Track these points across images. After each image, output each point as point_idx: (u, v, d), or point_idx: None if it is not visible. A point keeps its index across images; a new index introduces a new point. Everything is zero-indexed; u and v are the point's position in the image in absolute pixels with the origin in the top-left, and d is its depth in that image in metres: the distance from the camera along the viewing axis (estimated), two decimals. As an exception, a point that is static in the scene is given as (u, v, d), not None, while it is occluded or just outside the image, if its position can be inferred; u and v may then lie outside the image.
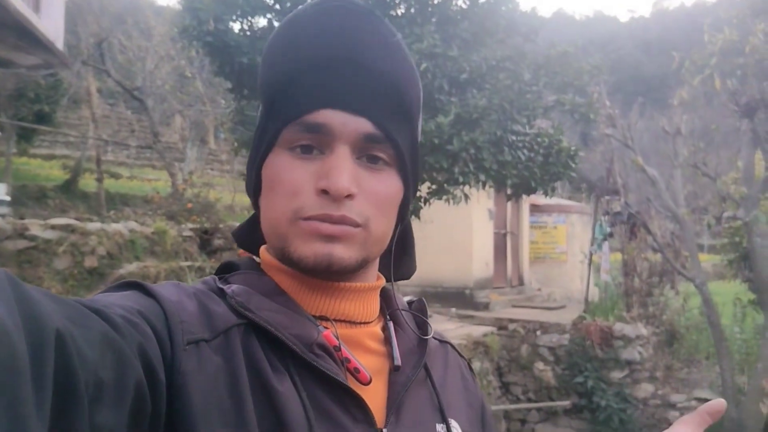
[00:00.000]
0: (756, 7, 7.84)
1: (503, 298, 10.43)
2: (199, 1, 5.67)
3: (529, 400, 8.56)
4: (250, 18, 6.02)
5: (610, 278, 9.98)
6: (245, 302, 0.65)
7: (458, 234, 9.85)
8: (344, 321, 0.70)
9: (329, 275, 0.68)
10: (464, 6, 5.43)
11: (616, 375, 8.23)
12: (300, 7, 0.67)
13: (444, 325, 8.60)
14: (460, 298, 9.86)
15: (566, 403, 8.25)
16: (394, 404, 0.67)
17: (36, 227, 7.58)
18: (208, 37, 5.69)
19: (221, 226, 9.15)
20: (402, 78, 0.69)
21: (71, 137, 17.27)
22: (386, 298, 0.79)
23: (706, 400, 1.08)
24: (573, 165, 5.92)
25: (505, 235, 11.44)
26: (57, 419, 0.41)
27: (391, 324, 0.74)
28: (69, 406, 0.42)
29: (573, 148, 5.89)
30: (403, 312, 0.77)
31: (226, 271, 0.74)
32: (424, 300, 0.82)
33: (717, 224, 7.33)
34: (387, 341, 0.73)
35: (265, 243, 0.76)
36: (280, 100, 0.69)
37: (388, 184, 0.70)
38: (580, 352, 8.39)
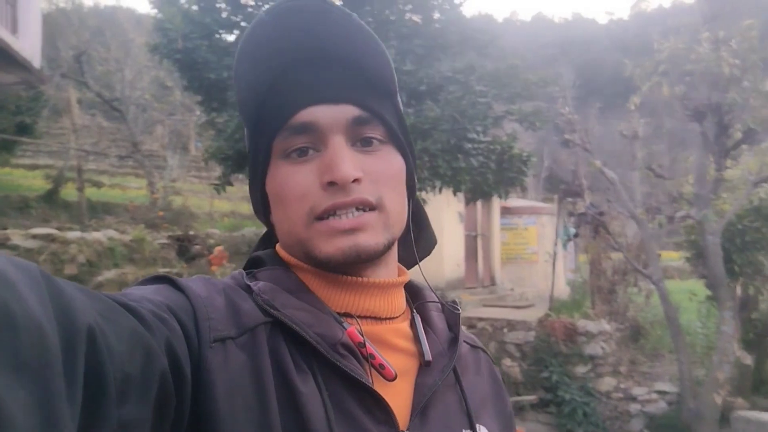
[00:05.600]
0: (705, 15, 8.22)
1: (474, 297, 10.77)
2: (168, 21, 5.95)
3: (497, 397, 8.85)
4: (217, 35, 6.31)
5: (574, 277, 10.34)
6: (271, 300, 0.64)
7: (429, 237, 10.16)
8: (369, 317, 0.69)
9: (359, 266, 0.68)
10: (418, 22, 5.76)
11: (580, 369, 8.57)
12: (253, 21, 0.66)
13: (415, 325, 8.89)
14: (432, 299, 10.15)
15: (532, 397, 8.58)
16: (419, 406, 0.66)
17: (17, 237, 7.81)
18: (177, 54, 5.97)
19: (192, 233, 9.39)
20: (371, 56, 0.68)
21: (53, 147, 17.44)
22: (413, 292, 0.79)
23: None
24: (525, 170, 6.25)
25: (476, 237, 11.80)
26: (86, 413, 0.41)
27: (418, 319, 0.73)
28: (98, 400, 0.43)
29: (525, 154, 6.22)
30: (433, 308, 0.76)
31: (253, 266, 0.74)
32: (457, 301, 0.80)
33: (669, 223, 7.69)
34: (414, 339, 0.71)
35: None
36: (261, 113, 0.70)
37: (389, 161, 0.70)
38: (545, 349, 8.73)
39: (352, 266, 0.67)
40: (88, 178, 14.89)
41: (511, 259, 13.09)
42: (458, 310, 0.77)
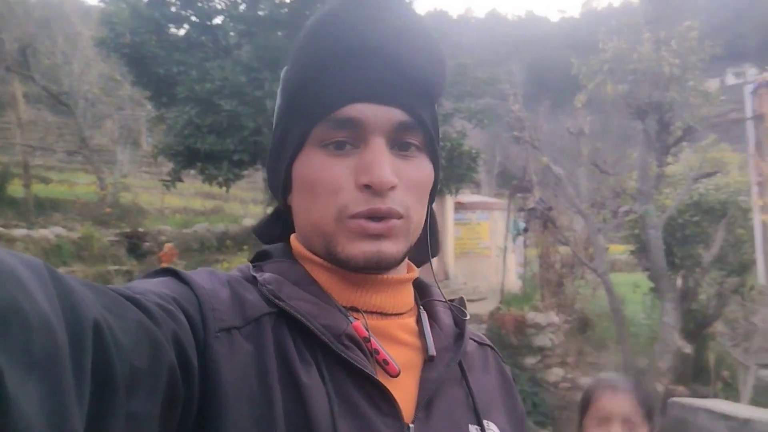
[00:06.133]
0: (648, 16, 8.51)
1: (429, 292, 10.91)
2: (115, 15, 5.85)
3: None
4: (166, 30, 6.23)
5: (524, 271, 10.59)
6: (276, 290, 0.65)
7: (384, 232, 10.24)
8: (376, 312, 0.69)
9: (377, 271, 0.69)
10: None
11: (530, 361, 8.79)
12: (326, 5, 0.67)
13: (370, 320, 8.98)
14: (387, 294, 10.25)
15: (484, 389, 8.77)
16: (423, 399, 0.66)
17: (-41, 235, 7.57)
18: (125, 48, 5.87)
19: (142, 230, 9.26)
20: (426, 60, 0.68)
21: (-3, 142, 16.86)
22: (420, 289, 0.79)
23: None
24: (475, 166, 6.38)
25: (430, 232, 11.95)
26: (94, 407, 0.41)
27: (424, 315, 0.73)
28: (106, 394, 0.43)
29: (474, 151, 6.35)
30: (440, 305, 0.76)
31: (260, 259, 0.73)
32: (464, 298, 0.81)
33: (613, 218, 7.95)
34: (420, 334, 0.71)
35: (283, 238, 0.77)
36: (306, 98, 0.69)
37: (422, 170, 0.70)
38: (496, 341, 8.90)
39: (370, 270, 0.68)
40: (35, 174, 14.47)
41: (465, 253, 13.30)
42: (466, 316, 0.77)
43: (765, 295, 5.41)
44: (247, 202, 17.43)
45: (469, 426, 0.68)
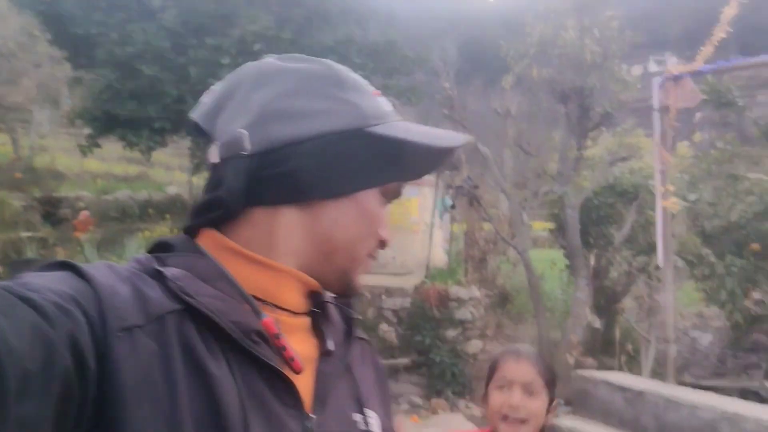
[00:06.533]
0: (574, 3, 8.76)
1: (356, 265, 11.03)
2: (29, -31, 5.54)
3: (373, 359, 9.22)
4: (86, -12, 5.95)
5: (449, 247, 10.85)
6: (185, 287, 0.64)
7: (312, 205, 10.23)
8: (287, 310, 0.71)
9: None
10: (299, -9, 5.73)
11: (451, 333, 9.08)
12: None
13: (295, 292, 9.02)
14: (314, 267, 10.29)
15: (407, 360, 9.00)
16: (321, 392, 0.70)
17: None
18: (40, 6, 5.58)
19: (59, 195, 8.89)
20: None
21: None
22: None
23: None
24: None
25: (359, 206, 12.02)
26: None
27: (322, 312, 0.77)
28: None
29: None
30: (330, 305, 0.80)
31: (159, 249, 0.72)
32: (352, 301, 0.84)
33: (534, 198, 8.25)
34: (316, 331, 0.75)
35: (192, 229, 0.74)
36: (413, 161, 0.76)
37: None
38: (420, 314, 9.15)
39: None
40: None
41: (394, 228, 13.45)
42: (355, 315, 0.83)
43: (663, 275, 5.77)
44: (172, 169, 16.93)
45: (354, 414, 0.74)
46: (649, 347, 7.28)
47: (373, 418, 0.76)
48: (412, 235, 13.48)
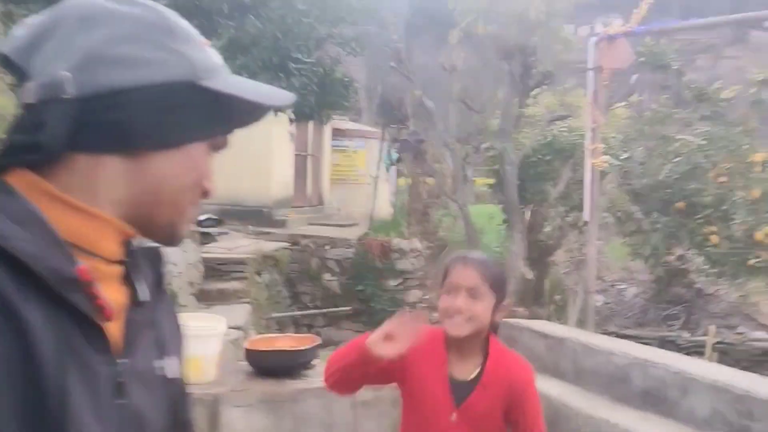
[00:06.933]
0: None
1: (302, 216, 11.12)
2: None
3: (316, 307, 9.44)
4: None
5: (395, 200, 11.05)
6: None
7: (258, 155, 10.18)
8: (98, 256, 0.70)
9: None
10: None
11: (392, 283, 9.35)
12: None
13: (239, 242, 9.07)
14: (258, 217, 10.34)
15: (348, 308, 9.25)
16: (129, 339, 0.71)
17: None
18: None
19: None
20: None
21: None
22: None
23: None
24: (346, 94, 6.49)
25: (306, 157, 12.04)
26: None
27: (133, 261, 0.76)
28: None
29: (347, 78, 6.45)
30: (139, 252, 0.79)
31: None
32: (159, 247, 0.83)
33: (475, 153, 8.46)
34: (127, 279, 0.75)
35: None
36: (241, 115, 0.79)
37: None
38: (362, 264, 9.36)
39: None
40: None
41: (341, 180, 13.54)
42: (164, 264, 0.83)
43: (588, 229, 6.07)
44: None
45: (156, 361, 0.76)
46: (576, 298, 7.69)
47: (171, 365, 0.78)
48: (359, 187, 13.65)
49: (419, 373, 1.68)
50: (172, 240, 0.77)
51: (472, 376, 1.66)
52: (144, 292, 0.75)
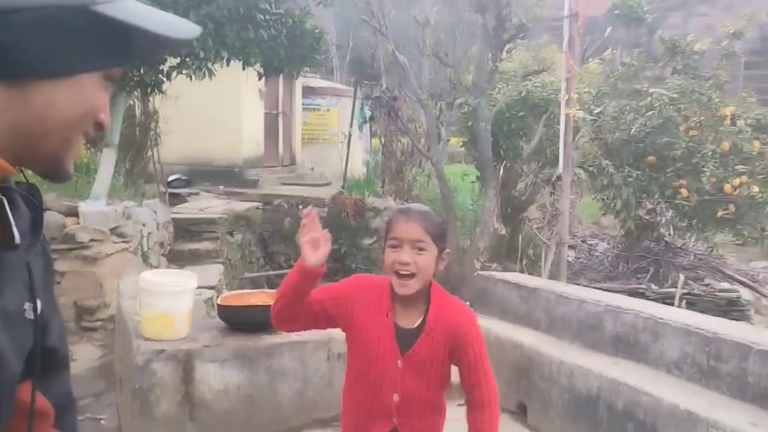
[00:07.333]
0: None
1: (273, 176, 10.98)
2: None
3: (290, 267, 9.38)
4: None
5: (369, 158, 10.95)
6: None
7: (227, 113, 9.99)
8: None
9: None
10: None
11: (366, 241, 9.33)
12: None
13: (210, 202, 8.94)
14: (229, 176, 10.19)
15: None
16: (2, 281, 0.69)
17: None
18: None
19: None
20: None
21: None
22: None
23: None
24: (317, 47, 6.33)
25: (277, 115, 11.82)
26: None
27: (6, 201, 0.73)
28: None
29: (317, 30, 6.28)
30: (15, 191, 0.76)
31: None
32: (37, 185, 0.81)
33: (449, 110, 8.37)
34: (3, 221, 0.72)
35: None
36: (140, 47, 0.72)
37: None
38: (337, 223, 9.30)
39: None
40: None
41: (313, 139, 13.37)
42: (41, 202, 0.79)
43: (561, 183, 6.10)
44: None
45: (25, 303, 0.73)
46: (549, 252, 7.75)
47: (39, 307, 0.76)
48: (332, 146, 13.49)
49: (366, 321, 1.71)
50: (57, 174, 0.72)
51: (416, 324, 1.70)
52: (19, 233, 0.71)
